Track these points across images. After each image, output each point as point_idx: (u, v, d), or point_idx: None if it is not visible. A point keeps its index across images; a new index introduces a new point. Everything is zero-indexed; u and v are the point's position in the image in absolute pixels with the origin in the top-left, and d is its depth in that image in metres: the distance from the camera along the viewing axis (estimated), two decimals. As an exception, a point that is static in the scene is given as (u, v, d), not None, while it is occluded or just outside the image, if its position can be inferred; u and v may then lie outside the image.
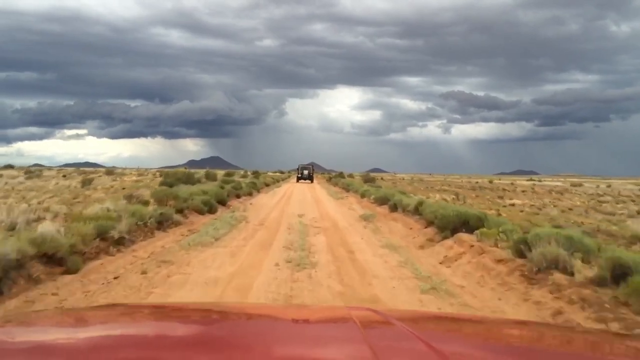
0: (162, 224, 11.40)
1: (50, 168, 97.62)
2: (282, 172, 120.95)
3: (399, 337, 1.49)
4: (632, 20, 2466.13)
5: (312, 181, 58.95)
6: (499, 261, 8.06)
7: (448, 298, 6.57)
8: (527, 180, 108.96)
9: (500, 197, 37.00)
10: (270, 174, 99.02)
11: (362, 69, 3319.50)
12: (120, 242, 8.75)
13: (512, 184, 71.36)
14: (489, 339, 1.71)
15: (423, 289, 6.93)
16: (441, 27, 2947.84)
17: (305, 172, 60.83)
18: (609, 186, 71.07)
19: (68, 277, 6.62)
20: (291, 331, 1.62)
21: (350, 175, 73.22)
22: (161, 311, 2.04)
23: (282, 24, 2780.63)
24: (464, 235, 10.33)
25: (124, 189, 26.24)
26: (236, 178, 49.23)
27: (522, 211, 23.89)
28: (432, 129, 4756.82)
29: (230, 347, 1.35)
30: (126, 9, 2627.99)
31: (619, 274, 5.91)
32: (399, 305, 6.14)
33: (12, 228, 9.47)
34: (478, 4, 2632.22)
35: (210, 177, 38.31)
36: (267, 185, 45.60)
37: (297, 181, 58.62)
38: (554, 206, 29.15)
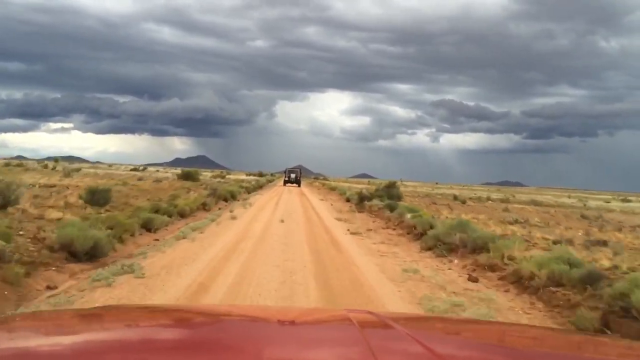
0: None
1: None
2: (261, 175, 79.73)
3: (397, 338, 1.49)
4: (621, 37, 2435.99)
5: (299, 185, 55.37)
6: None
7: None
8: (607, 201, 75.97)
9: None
10: (242, 177, 61.58)
11: (353, 74, 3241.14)
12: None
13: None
14: (485, 341, 1.72)
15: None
16: (433, 36, 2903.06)
17: (293, 175, 58.06)
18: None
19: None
20: (289, 333, 1.59)
21: (380, 187, 33.92)
22: (154, 314, 1.98)
23: (274, 25, 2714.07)
24: None
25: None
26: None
27: None
28: (421, 137, 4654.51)
29: (227, 350, 1.33)
30: (118, 3, 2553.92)
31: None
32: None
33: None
34: (471, 15, 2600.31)
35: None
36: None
37: (284, 184, 55.44)
38: None
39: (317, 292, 6.70)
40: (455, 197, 43.68)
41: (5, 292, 5.70)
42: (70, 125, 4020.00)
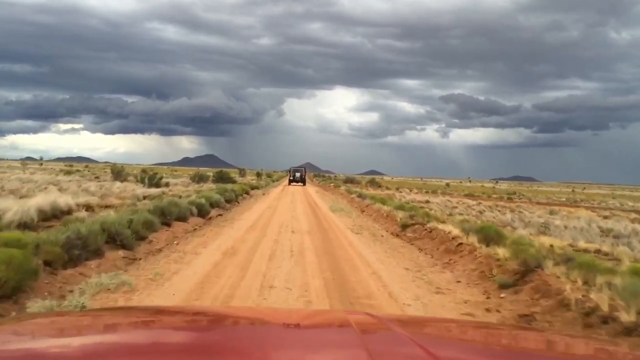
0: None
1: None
2: (222, 178, 40.05)
3: (397, 342, 1.46)
4: (632, 28, 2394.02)
5: (304, 184, 52.91)
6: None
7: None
8: None
9: None
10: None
11: (360, 70, 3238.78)
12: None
13: None
14: (486, 344, 1.69)
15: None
16: (441, 30, 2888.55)
17: (297, 174, 56.03)
18: None
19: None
20: (289, 336, 1.58)
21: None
22: (157, 316, 1.95)
23: (279, 22, 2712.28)
24: None
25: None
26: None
27: None
28: (430, 133, 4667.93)
29: (226, 352, 1.32)
30: (122, 3, 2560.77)
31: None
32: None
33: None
34: (478, 8, 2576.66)
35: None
36: None
37: (289, 184, 52.90)
38: None
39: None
40: None
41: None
42: (80, 125, 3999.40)
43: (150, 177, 27.98)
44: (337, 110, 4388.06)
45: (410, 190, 50.76)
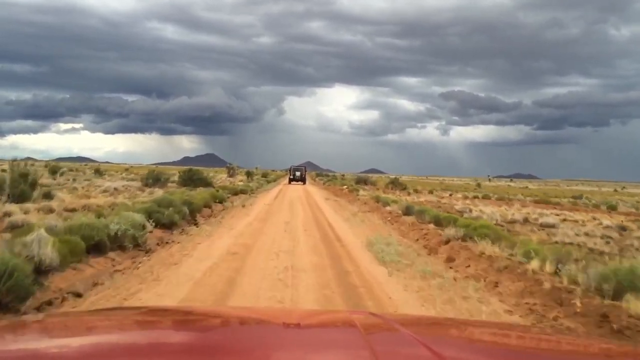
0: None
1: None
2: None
3: (401, 342, 1.44)
4: (631, 24, 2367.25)
5: (304, 182, 51.58)
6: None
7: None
8: None
9: None
10: None
11: (359, 68, 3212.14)
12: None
13: None
14: (491, 344, 1.66)
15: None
16: (440, 27, 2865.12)
17: (298, 173, 54.19)
18: None
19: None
20: (292, 336, 1.55)
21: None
22: (158, 316, 1.92)
23: (279, 21, 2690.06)
24: None
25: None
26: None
27: None
28: (431, 131, 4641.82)
29: (227, 352, 1.29)
30: (121, 3, 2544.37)
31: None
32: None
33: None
34: (478, 5, 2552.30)
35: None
36: None
37: (289, 183, 51.83)
38: None
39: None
40: None
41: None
42: (80, 125, 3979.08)
43: (12, 182, 14.43)
44: (337, 108, 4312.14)
45: (450, 195, 38.26)
